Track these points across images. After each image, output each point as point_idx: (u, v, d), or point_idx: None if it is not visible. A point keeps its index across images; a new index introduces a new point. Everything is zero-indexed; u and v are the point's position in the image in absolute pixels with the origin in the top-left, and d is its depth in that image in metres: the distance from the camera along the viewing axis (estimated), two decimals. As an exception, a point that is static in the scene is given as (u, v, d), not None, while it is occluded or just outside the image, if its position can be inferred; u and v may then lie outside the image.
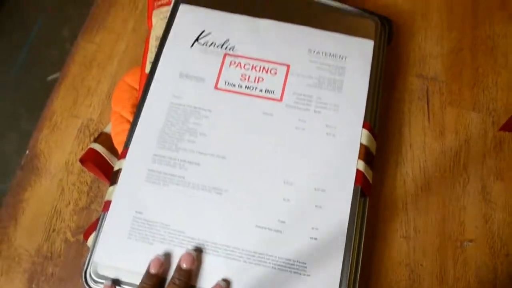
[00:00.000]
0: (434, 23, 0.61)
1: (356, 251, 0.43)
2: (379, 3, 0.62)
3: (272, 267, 0.42)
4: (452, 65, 0.58)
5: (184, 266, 0.41)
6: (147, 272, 0.42)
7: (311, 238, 0.43)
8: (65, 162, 0.55)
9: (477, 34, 0.60)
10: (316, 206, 0.44)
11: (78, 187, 0.54)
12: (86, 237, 0.49)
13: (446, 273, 0.49)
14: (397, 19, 0.59)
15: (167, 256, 0.43)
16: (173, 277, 0.41)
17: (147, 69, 0.55)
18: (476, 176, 0.53)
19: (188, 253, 0.42)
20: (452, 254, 0.49)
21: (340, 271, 0.42)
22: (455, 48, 0.59)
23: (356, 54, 0.51)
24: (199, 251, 0.43)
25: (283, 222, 0.43)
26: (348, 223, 0.43)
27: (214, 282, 0.42)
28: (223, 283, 0.41)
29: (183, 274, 0.41)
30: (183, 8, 0.54)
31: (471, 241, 0.50)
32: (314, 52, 0.51)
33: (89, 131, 0.57)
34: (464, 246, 0.50)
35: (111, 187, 0.47)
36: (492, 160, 0.53)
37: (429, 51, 0.59)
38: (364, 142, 0.47)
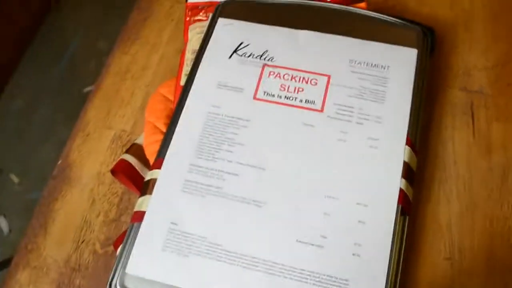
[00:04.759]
0: (479, 34, 0.58)
1: (394, 272, 0.41)
2: (417, 15, 0.60)
3: (313, 283, 0.40)
4: (498, 78, 0.56)
5: None
6: None
7: (354, 254, 0.40)
8: (97, 173, 0.54)
9: (526, 47, 0.57)
10: (359, 221, 0.42)
11: (109, 198, 0.52)
12: (116, 247, 0.48)
13: (495, 298, 0.46)
14: (438, 31, 0.57)
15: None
16: None
17: (182, 81, 0.54)
18: (526, 196, 0.50)
19: None
20: (501, 278, 0.46)
21: (383, 290, 0.39)
22: (502, 60, 0.57)
23: (399, 63, 0.49)
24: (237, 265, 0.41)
25: (324, 237, 0.41)
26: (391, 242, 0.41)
27: None
28: None
29: None
30: (221, 21, 0.54)
31: (522, 264, 0.47)
32: (355, 62, 0.49)
33: (121, 141, 0.56)
34: (515, 270, 0.46)
35: (141, 198, 0.46)
36: (543, 179, 0.50)
37: (473, 63, 0.57)
38: (406, 158, 0.45)
